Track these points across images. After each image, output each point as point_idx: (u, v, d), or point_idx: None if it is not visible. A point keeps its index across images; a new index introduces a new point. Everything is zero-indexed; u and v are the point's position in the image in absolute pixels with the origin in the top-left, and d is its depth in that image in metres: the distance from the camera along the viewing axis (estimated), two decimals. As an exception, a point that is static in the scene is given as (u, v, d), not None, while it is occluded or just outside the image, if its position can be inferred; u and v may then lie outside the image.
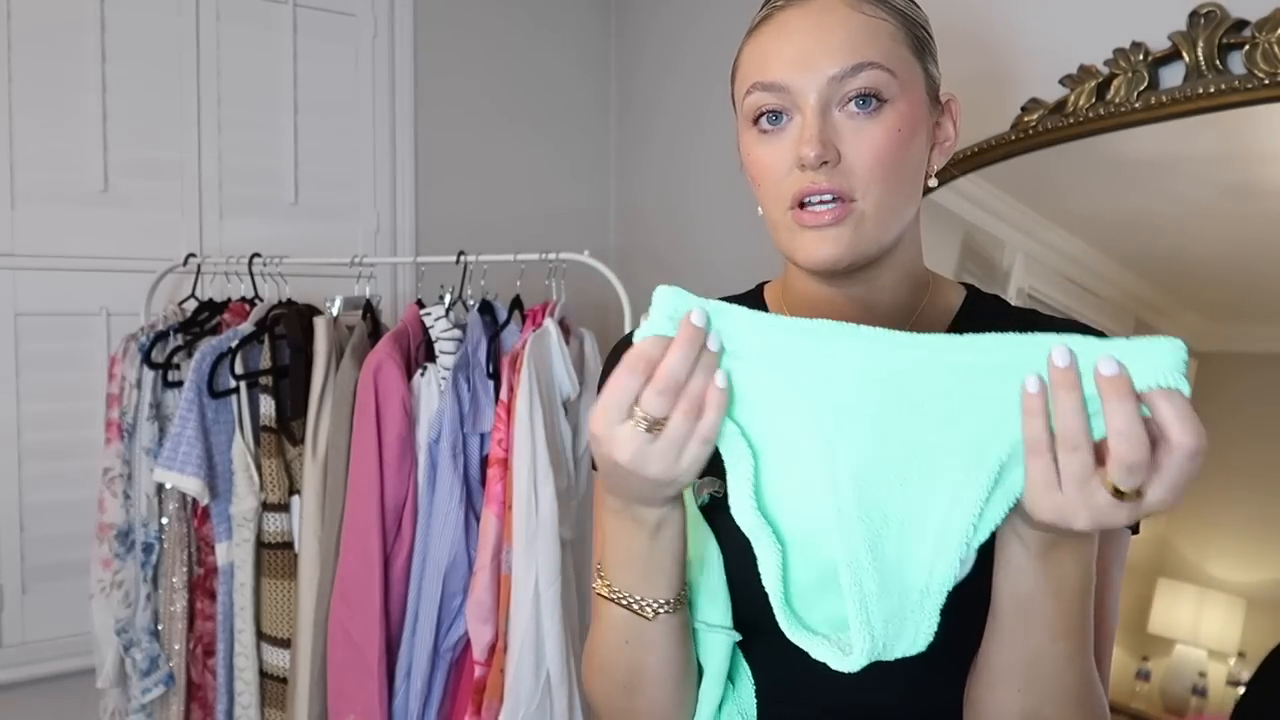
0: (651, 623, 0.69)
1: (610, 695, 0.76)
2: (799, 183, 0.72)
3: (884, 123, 0.72)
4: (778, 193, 0.74)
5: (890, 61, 0.73)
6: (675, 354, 0.58)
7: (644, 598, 0.68)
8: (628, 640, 0.71)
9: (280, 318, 1.87)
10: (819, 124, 0.71)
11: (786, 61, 0.73)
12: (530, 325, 1.66)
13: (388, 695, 1.65)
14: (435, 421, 1.65)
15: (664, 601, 0.69)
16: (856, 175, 0.71)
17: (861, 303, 0.79)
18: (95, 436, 2.05)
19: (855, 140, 0.71)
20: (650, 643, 0.70)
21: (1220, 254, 1.48)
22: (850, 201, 0.71)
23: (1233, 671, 1.42)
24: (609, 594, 0.70)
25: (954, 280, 0.88)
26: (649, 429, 0.59)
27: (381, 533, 1.65)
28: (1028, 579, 0.62)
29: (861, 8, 0.74)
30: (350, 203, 2.46)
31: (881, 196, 0.72)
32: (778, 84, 0.73)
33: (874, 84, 0.72)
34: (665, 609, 0.69)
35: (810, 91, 0.72)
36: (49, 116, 2.10)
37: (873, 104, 0.72)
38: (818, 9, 0.73)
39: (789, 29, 0.74)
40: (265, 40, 2.33)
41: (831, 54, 0.72)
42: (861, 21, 0.73)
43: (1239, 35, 1.40)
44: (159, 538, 1.92)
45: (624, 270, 1.68)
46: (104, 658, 1.96)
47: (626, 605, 0.69)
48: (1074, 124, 1.58)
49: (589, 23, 2.81)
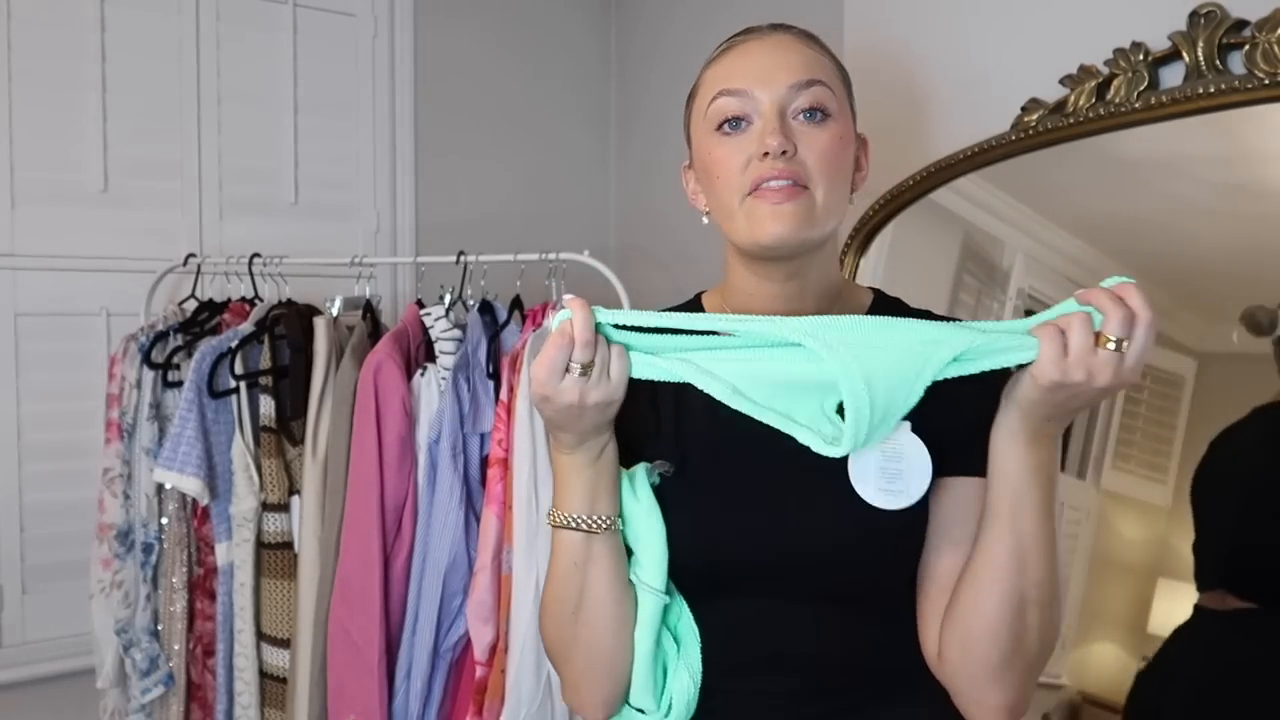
0: (597, 537, 0.84)
1: (560, 626, 0.89)
2: (758, 171, 0.84)
3: (829, 130, 0.86)
4: (737, 183, 0.86)
5: (832, 84, 0.88)
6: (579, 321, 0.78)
7: (590, 516, 0.84)
8: (576, 562, 0.86)
9: (280, 318, 1.87)
10: (779, 123, 0.85)
11: (750, 74, 0.87)
12: (530, 325, 1.66)
13: (388, 695, 1.65)
14: (435, 421, 1.65)
15: (605, 517, 0.84)
16: (808, 168, 0.85)
17: (791, 302, 0.92)
18: (95, 436, 2.05)
19: (808, 141, 0.85)
20: (594, 557, 0.85)
21: (1220, 254, 1.47)
22: (803, 188, 0.84)
23: (1233, 671, 1.42)
24: (562, 520, 0.85)
25: (863, 286, 1.02)
26: (582, 372, 0.78)
27: (381, 533, 1.65)
28: (1019, 469, 0.78)
29: (810, 45, 0.90)
30: (350, 203, 2.46)
31: (827, 190, 0.86)
32: (742, 90, 0.86)
33: (821, 98, 0.86)
34: (607, 523, 0.84)
35: (770, 98, 0.86)
36: (49, 116, 2.10)
37: (819, 116, 0.86)
38: (775, 40, 0.89)
39: (751, 52, 0.89)
40: (265, 40, 2.33)
41: (789, 70, 0.86)
42: (811, 53, 0.89)
43: (1239, 35, 1.40)
44: (159, 538, 1.92)
45: (624, 270, 1.68)
46: (104, 658, 1.96)
47: (576, 526, 0.84)
48: (1074, 124, 1.58)
49: (589, 23, 2.81)
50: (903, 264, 1.91)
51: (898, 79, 1.93)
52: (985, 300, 1.75)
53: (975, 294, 1.77)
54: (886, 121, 1.97)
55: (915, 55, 1.90)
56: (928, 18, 1.87)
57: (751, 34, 0.91)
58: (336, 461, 1.73)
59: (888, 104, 1.96)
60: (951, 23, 1.83)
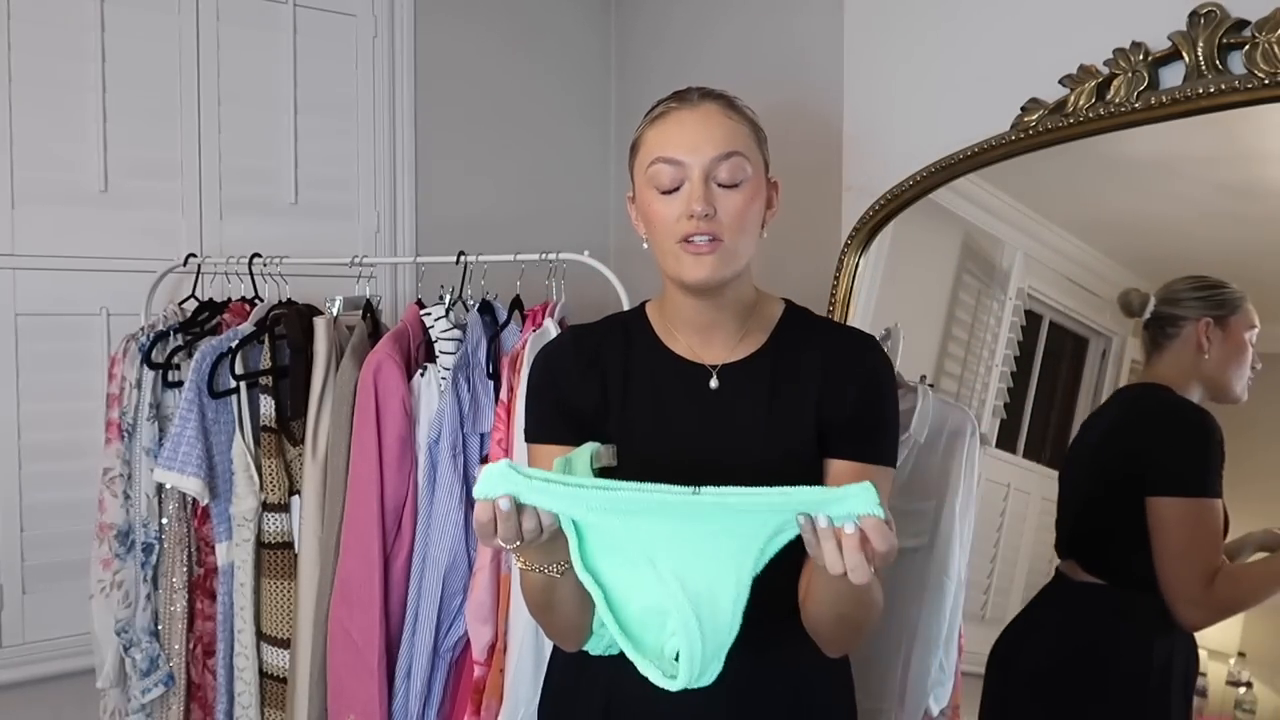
0: (555, 579, 1.02)
1: (535, 612, 1.11)
2: (687, 227, 1.06)
3: (743, 193, 1.08)
4: (670, 232, 1.08)
5: (747, 152, 1.09)
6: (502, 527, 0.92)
7: (551, 567, 1.01)
8: (541, 588, 1.05)
9: (280, 318, 1.87)
10: (704, 190, 1.06)
11: (682, 145, 1.07)
12: (530, 325, 1.66)
13: (388, 695, 1.65)
14: (435, 421, 1.65)
15: (564, 564, 1.00)
16: (724, 225, 1.07)
17: (714, 314, 1.14)
18: (95, 436, 2.05)
19: (724, 204, 1.07)
20: (555, 586, 1.04)
21: (1220, 254, 1.48)
22: (720, 241, 1.07)
23: (1233, 671, 1.42)
24: (527, 568, 1.03)
25: (777, 297, 1.22)
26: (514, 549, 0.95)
27: (381, 533, 1.65)
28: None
29: (730, 114, 1.10)
30: (350, 203, 2.46)
31: (739, 239, 1.08)
32: (675, 159, 1.07)
33: (737, 167, 1.07)
34: (562, 570, 1.01)
35: (697, 167, 1.07)
36: (49, 116, 2.10)
37: (734, 180, 1.07)
38: (702, 112, 1.09)
39: (684, 123, 1.09)
40: (265, 40, 2.33)
41: (713, 143, 1.07)
42: (730, 124, 1.09)
43: (1239, 35, 1.40)
44: (159, 538, 1.92)
45: (624, 270, 1.68)
46: (104, 658, 1.96)
47: (541, 572, 1.02)
48: (1074, 124, 1.58)
49: (589, 23, 2.81)
50: (903, 264, 1.91)
51: (898, 79, 1.93)
52: (985, 300, 1.75)
53: (975, 294, 1.77)
54: (886, 121, 1.97)
55: (915, 55, 1.90)
56: (928, 18, 1.87)
57: (685, 102, 1.10)
58: (336, 461, 1.73)
59: (887, 104, 1.96)
60: (951, 23, 1.83)
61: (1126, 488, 1.48)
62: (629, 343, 1.18)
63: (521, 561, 1.04)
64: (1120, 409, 1.58)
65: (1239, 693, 1.42)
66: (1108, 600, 1.52)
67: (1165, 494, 1.43)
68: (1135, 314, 1.51)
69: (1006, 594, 1.64)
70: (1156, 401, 1.51)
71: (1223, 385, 1.45)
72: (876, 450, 1.12)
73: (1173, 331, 1.48)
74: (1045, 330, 1.68)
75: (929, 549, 1.61)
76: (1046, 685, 1.58)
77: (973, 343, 1.76)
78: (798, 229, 2.13)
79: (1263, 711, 1.40)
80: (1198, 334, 1.45)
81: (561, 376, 1.18)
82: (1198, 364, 1.46)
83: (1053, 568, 1.58)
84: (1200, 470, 1.43)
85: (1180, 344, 1.47)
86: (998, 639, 1.65)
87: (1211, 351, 1.45)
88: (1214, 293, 1.45)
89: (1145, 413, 1.54)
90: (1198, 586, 1.41)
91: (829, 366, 1.13)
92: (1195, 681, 1.44)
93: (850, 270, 1.92)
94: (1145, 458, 1.50)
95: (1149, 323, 1.50)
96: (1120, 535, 1.49)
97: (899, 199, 1.83)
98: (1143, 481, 1.45)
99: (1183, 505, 1.43)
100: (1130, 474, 1.49)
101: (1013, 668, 1.63)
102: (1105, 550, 1.53)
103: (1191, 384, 1.46)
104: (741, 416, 1.12)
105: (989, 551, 1.68)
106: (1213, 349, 1.45)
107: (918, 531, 1.62)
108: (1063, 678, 1.56)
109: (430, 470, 1.65)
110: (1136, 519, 1.44)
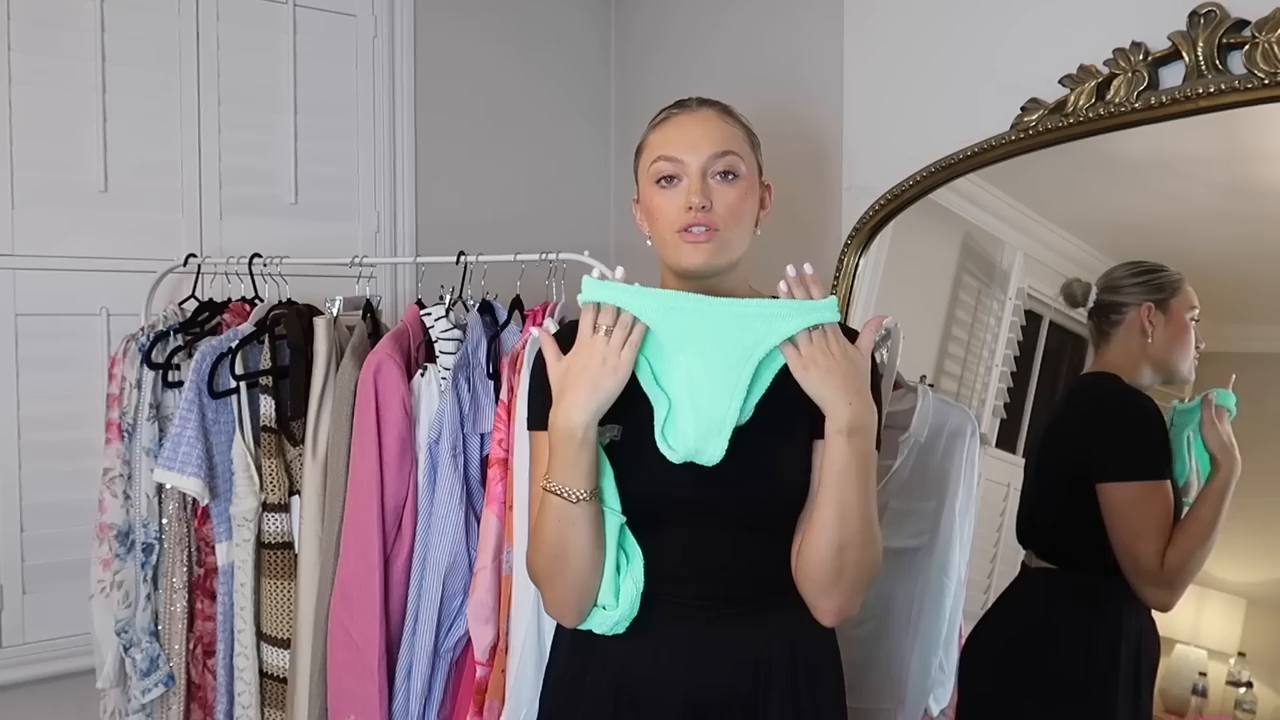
0: (576, 506, 1.11)
1: (546, 565, 1.15)
2: (686, 219, 1.16)
3: (737, 188, 1.17)
4: (671, 223, 1.17)
5: (742, 152, 1.19)
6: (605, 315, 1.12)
7: (573, 489, 1.11)
8: (559, 519, 1.12)
9: (280, 318, 1.87)
10: (702, 184, 1.16)
11: (682, 144, 1.17)
12: (530, 325, 1.66)
13: (388, 695, 1.65)
14: (435, 421, 1.65)
15: (585, 491, 1.11)
16: (720, 216, 1.16)
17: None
18: (95, 437, 2.05)
19: (720, 196, 1.16)
20: (574, 520, 1.11)
21: (1220, 254, 1.48)
22: (716, 230, 1.16)
23: (1233, 671, 1.43)
24: (551, 487, 1.11)
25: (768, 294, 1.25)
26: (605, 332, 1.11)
27: (381, 533, 1.64)
28: (841, 453, 1.08)
29: (726, 119, 1.20)
30: (350, 203, 2.46)
31: (734, 231, 1.17)
32: (675, 157, 1.17)
33: (732, 164, 1.17)
34: (585, 497, 1.11)
35: (695, 164, 1.16)
36: (49, 116, 2.10)
37: (730, 177, 1.17)
38: (701, 116, 1.20)
39: (684, 125, 1.19)
40: (265, 40, 2.33)
41: (710, 141, 1.17)
42: (726, 127, 1.19)
43: (1239, 35, 1.40)
44: (159, 538, 1.92)
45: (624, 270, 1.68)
46: (104, 658, 1.96)
47: (561, 494, 1.11)
48: (1074, 124, 1.58)
49: (589, 23, 2.81)
50: (903, 264, 1.91)
51: (898, 79, 1.93)
52: (985, 300, 1.75)
53: (975, 294, 1.77)
54: (886, 121, 1.97)
55: (915, 55, 1.90)
56: (928, 17, 1.87)
57: (685, 108, 1.21)
58: (336, 461, 1.73)
59: (887, 104, 1.96)
60: (951, 23, 1.84)
61: (1073, 475, 1.52)
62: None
63: (548, 482, 1.12)
64: (1068, 398, 1.63)
65: (1239, 693, 1.42)
66: (1055, 583, 1.56)
67: (1116, 479, 1.47)
68: (1079, 304, 1.56)
69: (1006, 594, 1.64)
70: (1100, 391, 1.55)
71: (1169, 367, 1.49)
72: None
73: (1116, 319, 1.52)
74: (1045, 330, 1.68)
75: (929, 549, 1.61)
76: (1002, 667, 1.62)
77: (973, 343, 1.76)
78: (798, 229, 2.14)
79: (1263, 711, 1.40)
80: (1140, 319, 1.50)
81: None
82: (1143, 348, 1.50)
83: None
84: (1147, 453, 1.47)
85: (1125, 330, 1.51)
86: (970, 632, 1.68)
87: (1155, 335, 1.49)
88: (1152, 277, 1.50)
89: (1090, 401, 1.58)
90: (1156, 565, 1.43)
91: None
92: (1154, 661, 1.47)
93: (850, 270, 1.93)
94: (1093, 445, 1.53)
95: (1093, 312, 1.56)
96: (1068, 520, 1.53)
97: (899, 199, 1.83)
98: (1089, 468, 1.49)
99: (1134, 489, 1.46)
100: (1077, 461, 1.53)
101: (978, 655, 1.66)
102: (1054, 535, 1.58)
103: (1139, 369, 1.51)
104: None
105: (989, 551, 1.68)
106: (1155, 332, 1.49)
107: (918, 531, 1.62)
108: (1014, 657, 1.60)
109: (430, 470, 1.65)
110: (1082, 504, 1.48)
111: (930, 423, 1.62)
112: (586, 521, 1.12)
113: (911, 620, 1.61)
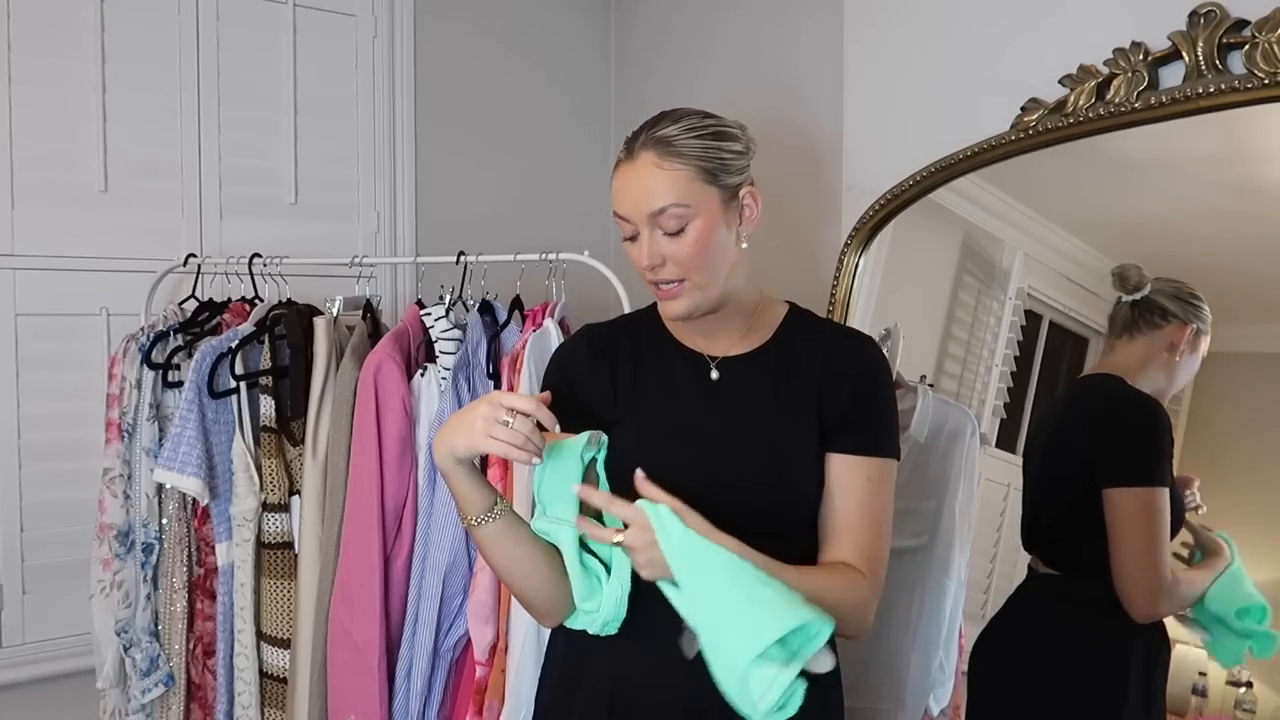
0: (478, 529, 1.14)
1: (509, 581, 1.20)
2: (649, 274, 1.15)
3: (686, 238, 1.12)
4: (643, 275, 1.17)
5: (684, 198, 1.12)
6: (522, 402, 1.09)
7: (466, 515, 1.15)
8: (478, 542, 1.18)
9: (280, 318, 1.87)
10: (649, 244, 1.13)
11: (624, 203, 1.15)
12: (530, 325, 1.66)
13: (388, 695, 1.65)
14: (435, 422, 1.65)
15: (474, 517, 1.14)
16: (681, 268, 1.13)
17: (715, 322, 1.21)
18: (95, 437, 2.05)
19: (671, 251, 1.13)
20: (485, 541, 1.16)
21: (1220, 254, 1.48)
22: (683, 281, 1.14)
23: (1233, 671, 1.43)
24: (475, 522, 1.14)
25: (782, 300, 1.27)
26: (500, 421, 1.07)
27: (382, 533, 1.65)
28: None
29: (665, 162, 1.12)
30: (350, 203, 2.46)
31: (702, 273, 1.14)
32: (625, 217, 1.15)
33: (675, 216, 1.12)
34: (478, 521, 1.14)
35: (640, 222, 1.13)
36: (49, 116, 2.10)
37: (678, 231, 1.12)
38: (638, 165, 1.13)
39: (625, 178, 1.15)
40: (265, 40, 2.33)
41: (648, 199, 1.12)
42: (663, 176, 1.12)
43: (1239, 35, 1.40)
44: (159, 538, 1.92)
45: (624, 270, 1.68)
46: (104, 658, 1.96)
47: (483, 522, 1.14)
48: (1074, 124, 1.58)
49: (589, 23, 2.81)
50: (903, 264, 1.91)
51: (898, 79, 1.93)
52: (985, 300, 1.76)
53: (975, 294, 1.77)
54: (886, 122, 1.97)
55: (915, 55, 1.90)
56: (928, 18, 1.87)
57: (629, 154, 1.15)
58: (337, 461, 1.73)
59: (887, 104, 1.96)
60: (951, 23, 1.83)
61: (1078, 479, 1.50)
62: (640, 334, 1.27)
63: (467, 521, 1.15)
64: (1073, 401, 1.61)
65: (1239, 693, 1.42)
66: (1061, 588, 1.55)
67: (1120, 484, 1.45)
68: (1129, 290, 1.53)
69: (1006, 594, 1.64)
70: (1108, 395, 1.53)
71: (1166, 389, 1.49)
72: (873, 441, 1.17)
73: (1157, 322, 1.50)
74: (1045, 330, 1.68)
75: (929, 549, 1.61)
76: (1009, 673, 1.61)
77: (973, 343, 1.76)
78: (798, 229, 2.14)
79: (1263, 711, 1.40)
80: (1177, 336, 1.48)
81: (573, 371, 1.26)
82: (1163, 362, 1.48)
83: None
84: (1153, 460, 1.45)
85: (1158, 337, 1.49)
86: (978, 637, 1.67)
87: (1181, 358, 1.48)
88: (1202, 307, 1.48)
89: (1098, 406, 1.56)
90: (1152, 574, 1.43)
91: (828, 362, 1.19)
92: (1164, 669, 1.46)
93: (850, 270, 1.93)
94: (1099, 450, 1.51)
95: (1136, 304, 1.52)
96: (1072, 525, 1.52)
97: (899, 199, 1.83)
98: (1095, 473, 1.47)
99: (1138, 495, 1.45)
100: (1083, 465, 1.51)
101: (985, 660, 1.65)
102: (1059, 540, 1.56)
103: (1147, 377, 1.49)
104: (744, 402, 1.19)
105: (989, 551, 1.68)
106: (1183, 356, 1.47)
107: (918, 531, 1.62)
108: (1022, 664, 1.58)
109: (430, 470, 1.65)
110: (1088, 509, 1.46)
111: (930, 422, 1.62)
112: (498, 539, 1.15)
113: (911, 620, 1.61)
